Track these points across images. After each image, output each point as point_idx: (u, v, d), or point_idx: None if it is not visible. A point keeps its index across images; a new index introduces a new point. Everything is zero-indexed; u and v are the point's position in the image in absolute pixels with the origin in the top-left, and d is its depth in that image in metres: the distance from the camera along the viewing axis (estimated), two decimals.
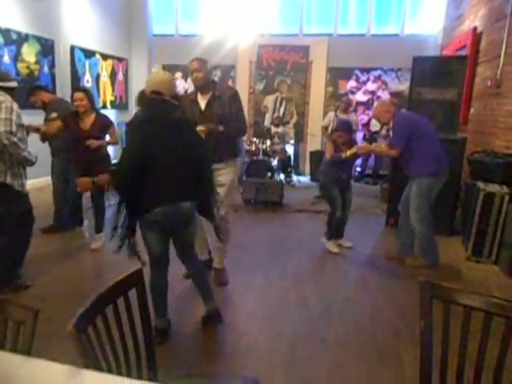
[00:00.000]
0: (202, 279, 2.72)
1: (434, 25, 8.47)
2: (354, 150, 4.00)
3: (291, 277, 3.61)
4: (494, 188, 4.00)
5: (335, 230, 4.37)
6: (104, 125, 4.01)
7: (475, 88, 6.16)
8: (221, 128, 3.09)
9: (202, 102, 3.22)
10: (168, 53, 9.51)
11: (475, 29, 6.19)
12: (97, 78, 8.28)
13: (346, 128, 4.23)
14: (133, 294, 1.39)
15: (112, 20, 8.69)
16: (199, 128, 2.91)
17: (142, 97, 2.49)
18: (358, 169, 8.45)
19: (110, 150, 4.50)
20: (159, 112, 2.43)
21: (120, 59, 9.01)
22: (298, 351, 2.50)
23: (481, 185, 4.10)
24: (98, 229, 4.17)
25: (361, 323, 2.86)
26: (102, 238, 4.14)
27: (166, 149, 2.38)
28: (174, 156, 2.39)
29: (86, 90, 3.99)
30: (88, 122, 3.90)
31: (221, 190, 3.15)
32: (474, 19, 6.41)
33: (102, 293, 1.25)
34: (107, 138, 4.13)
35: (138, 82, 8.94)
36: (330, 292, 3.35)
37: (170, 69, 9.19)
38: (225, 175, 3.25)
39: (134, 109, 8.68)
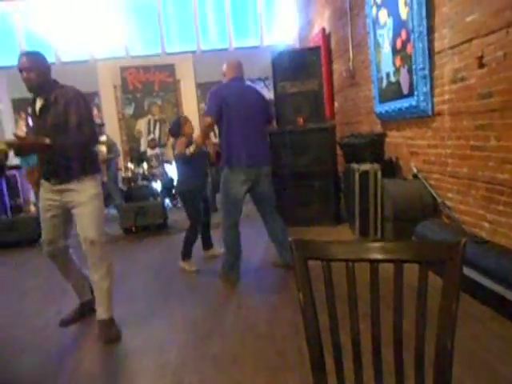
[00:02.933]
0: None
1: (289, 33, 8.86)
2: (194, 145, 3.56)
3: (177, 300, 3.10)
4: (367, 166, 4.05)
5: (204, 240, 4.05)
6: None
7: (335, 83, 6.47)
8: (47, 140, 2.40)
9: (38, 106, 2.61)
10: (19, 86, 8.40)
11: (324, 29, 6.55)
12: None
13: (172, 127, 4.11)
14: None
15: None
16: None
17: None
18: None
19: None
20: None
21: None
22: (185, 379, 2.04)
23: (355, 166, 4.13)
24: None
25: (257, 328, 2.50)
26: None
27: None
28: None
29: None
30: None
31: (79, 211, 2.57)
32: (322, 21, 6.79)
33: None
34: None
35: None
36: (222, 304, 2.95)
37: (20, 104, 8.08)
38: (81, 192, 2.57)
39: None
